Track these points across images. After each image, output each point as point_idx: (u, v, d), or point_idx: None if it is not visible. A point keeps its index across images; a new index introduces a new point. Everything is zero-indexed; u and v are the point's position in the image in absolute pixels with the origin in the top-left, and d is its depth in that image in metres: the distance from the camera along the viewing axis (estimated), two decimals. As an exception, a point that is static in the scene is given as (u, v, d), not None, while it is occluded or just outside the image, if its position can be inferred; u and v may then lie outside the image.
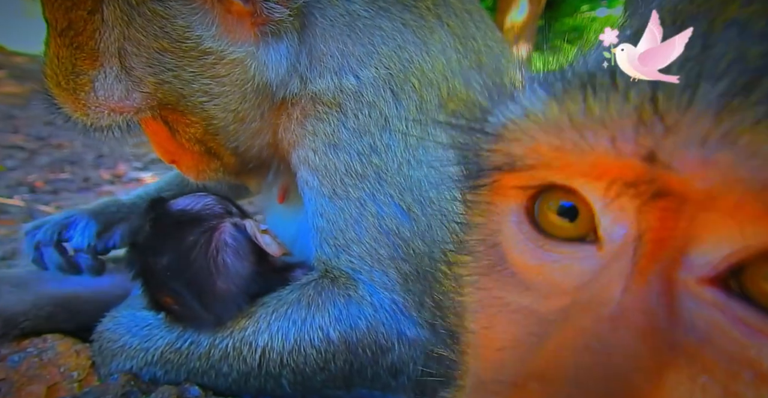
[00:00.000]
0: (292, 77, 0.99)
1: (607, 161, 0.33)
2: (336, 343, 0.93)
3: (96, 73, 0.88)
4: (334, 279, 1.00)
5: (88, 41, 0.85)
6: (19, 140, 5.70)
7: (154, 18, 0.86)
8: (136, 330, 0.97)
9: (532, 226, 0.41)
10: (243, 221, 1.05)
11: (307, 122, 1.01)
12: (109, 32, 0.85)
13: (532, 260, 0.41)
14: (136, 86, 0.90)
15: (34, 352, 0.94)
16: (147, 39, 0.87)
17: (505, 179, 0.42)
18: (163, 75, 0.90)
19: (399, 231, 0.98)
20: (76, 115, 0.92)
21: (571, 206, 0.39)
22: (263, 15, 0.91)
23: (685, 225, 0.32)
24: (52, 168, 4.92)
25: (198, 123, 0.98)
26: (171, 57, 0.89)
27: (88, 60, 0.87)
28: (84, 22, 0.84)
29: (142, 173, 5.06)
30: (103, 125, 0.93)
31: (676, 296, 0.33)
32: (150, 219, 1.02)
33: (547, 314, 0.37)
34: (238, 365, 0.93)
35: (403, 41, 1.01)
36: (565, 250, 0.39)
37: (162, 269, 0.96)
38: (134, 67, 0.88)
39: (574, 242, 0.39)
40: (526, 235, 0.41)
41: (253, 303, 0.98)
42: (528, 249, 0.41)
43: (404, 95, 1.00)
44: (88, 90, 0.88)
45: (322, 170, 1.01)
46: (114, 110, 0.90)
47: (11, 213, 2.87)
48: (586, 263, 0.37)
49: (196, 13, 0.87)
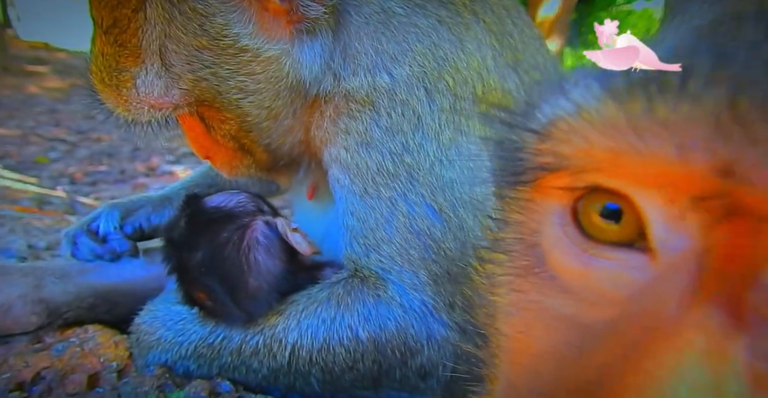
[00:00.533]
0: (326, 75, 0.99)
1: (671, 170, 0.30)
2: (365, 343, 0.93)
3: (138, 70, 0.90)
4: (364, 279, 1.00)
5: (131, 39, 0.87)
6: (62, 133, 5.95)
7: (194, 16, 0.87)
8: (171, 323, 1.00)
9: (577, 228, 0.38)
10: (274, 220, 1.06)
11: (340, 119, 1.01)
12: (151, 30, 0.87)
13: (575, 264, 0.38)
14: (175, 83, 0.91)
15: (76, 342, 0.97)
16: (186, 37, 0.88)
17: (549, 178, 0.39)
18: (200, 72, 0.91)
19: (430, 232, 0.97)
20: (118, 110, 0.95)
21: (616, 208, 0.35)
22: (299, 13, 0.91)
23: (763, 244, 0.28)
24: (91, 161, 5.11)
25: (233, 120, 0.99)
26: (209, 54, 0.90)
27: (131, 57, 0.89)
28: (128, 20, 0.86)
29: (174, 166, 5.20)
30: (143, 120, 0.95)
31: (743, 319, 0.29)
32: (185, 215, 1.04)
33: (592, 324, 0.35)
34: (268, 362, 0.94)
35: (438, 39, 0.99)
36: (613, 256, 0.36)
37: (196, 265, 0.98)
38: (174, 64, 0.90)
39: (621, 248, 0.35)
40: (571, 237, 0.38)
41: (283, 301, 0.99)
42: (572, 252, 0.38)
43: (438, 94, 0.98)
44: (129, 86, 0.90)
45: (354, 168, 1.01)
46: (154, 105, 0.92)
47: (54, 204, 3.00)
48: (637, 274, 0.34)
49: (234, 10, 0.88)
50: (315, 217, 1.31)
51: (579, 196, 0.38)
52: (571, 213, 0.39)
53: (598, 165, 0.34)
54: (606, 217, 0.36)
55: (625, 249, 0.35)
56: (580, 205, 0.38)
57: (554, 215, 0.40)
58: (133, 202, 1.34)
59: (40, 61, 9.29)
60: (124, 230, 1.25)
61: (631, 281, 0.34)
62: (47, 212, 2.61)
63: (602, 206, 0.36)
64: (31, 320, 1.00)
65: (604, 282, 0.36)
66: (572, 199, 0.39)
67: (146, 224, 1.30)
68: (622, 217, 0.35)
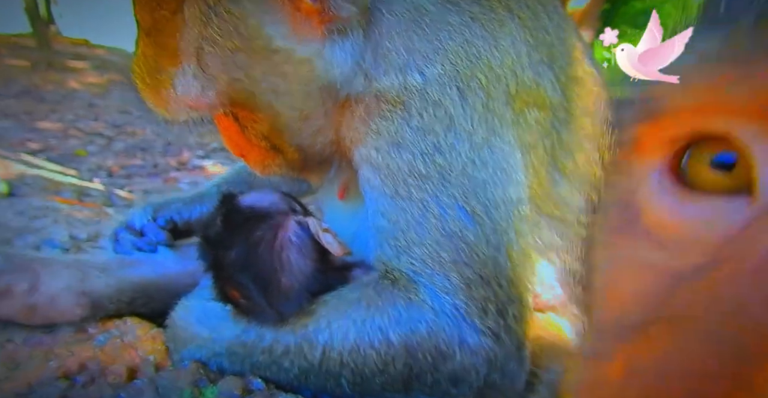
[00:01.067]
0: (357, 75, 0.98)
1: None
2: (395, 346, 0.93)
3: (176, 71, 0.92)
4: (395, 281, 0.99)
5: (169, 40, 0.89)
6: (100, 127, 6.17)
7: (229, 18, 0.88)
8: (206, 320, 1.02)
9: (676, 181, 0.37)
10: (306, 219, 1.06)
11: (371, 120, 1.00)
12: (189, 32, 0.89)
13: (672, 214, 0.36)
14: (211, 84, 0.93)
15: (116, 334, 1.01)
16: (221, 38, 0.89)
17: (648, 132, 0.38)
18: (234, 73, 0.92)
19: (462, 234, 0.96)
20: (157, 110, 0.97)
21: (731, 161, 0.33)
22: (331, 12, 0.91)
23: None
24: (126, 154, 5.29)
25: (265, 120, 1.00)
26: (243, 56, 0.91)
27: (170, 58, 0.91)
28: (167, 22, 0.88)
29: (204, 160, 5.32)
30: (180, 119, 0.98)
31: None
32: (221, 214, 1.06)
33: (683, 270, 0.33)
34: (299, 361, 0.95)
35: (471, 36, 0.97)
36: (714, 204, 0.34)
37: (230, 263, 1.00)
38: (209, 65, 0.91)
39: (726, 196, 0.34)
40: (670, 190, 0.37)
41: (314, 301, 1.00)
42: (670, 204, 0.37)
43: (470, 92, 0.96)
44: (168, 87, 0.93)
45: (385, 169, 1.00)
46: (191, 106, 0.95)
47: (93, 196, 3.11)
48: (734, 217, 0.32)
49: (267, 12, 0.89)
50: (344, 217, 1.31)
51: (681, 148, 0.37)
52: (669, 167, 0.37)
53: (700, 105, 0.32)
54: (716, 168, 0.34)
55: (727, 197, 0.33)
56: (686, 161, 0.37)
57: (653, 171, 0.38)
58: (165, 199, 1.40)
59: (81, 57, 9.63)
60: (157, 222, 1.31)
61: (727, 225, 0.32)
62: (87, 204, 2.71)
63: (711, 157, 0.34)
64: (76, 311, 1.05)
65: (699, 229, 0.34)
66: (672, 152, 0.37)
67: (177, 217, 1.35)
68: (735, 168, 0.33)
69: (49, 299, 1.03)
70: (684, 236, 0.35)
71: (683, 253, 0.34)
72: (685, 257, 0.34)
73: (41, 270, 1.04)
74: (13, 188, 2.84)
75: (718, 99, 0.31)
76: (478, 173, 0.97)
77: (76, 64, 8.58)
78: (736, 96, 0.30)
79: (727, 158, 0.33)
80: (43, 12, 9.57)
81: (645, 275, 0.36)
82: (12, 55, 9.51)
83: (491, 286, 0.95)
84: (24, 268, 1.02)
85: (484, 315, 0.94)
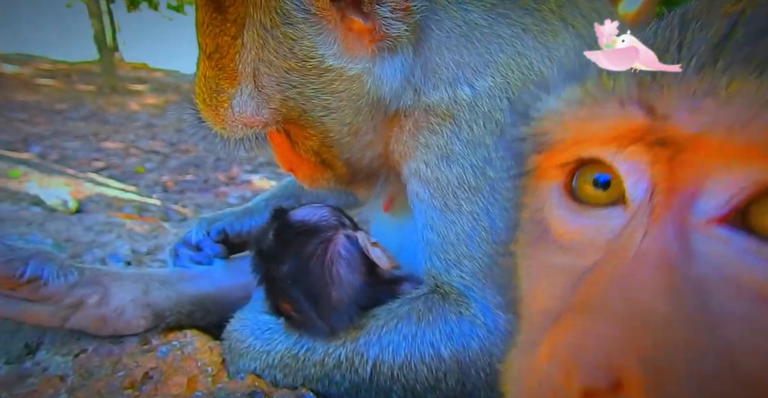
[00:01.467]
0: (406, 90, 0.99)
1: (620, 124, 0.40)
2: (447, 362, 0.91)
3: (234, 92, 0.96)
4: (445, 295, 0.98)
5: (229, 63, 0.93)
6: (156, 145, 6.56)
7: (285, 40, 0.91)
8: (259, 332, 1.04)
9: (570, 198, 0.48)
10: (355, 233, 1.07)
11: (420, 134, 1.01)
12: (247, 54, 0.92)
13: (570, 224, 0.47)
14: (266, 103, 0.96)
15: (177, 345, 1.05)
16: (277, 60, 0.93)
17: (544, 161, 0.50)
18: (288, 92, 0.95)
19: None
20: (216, 128, 1.02)
21: (606, 180, 0.45)
22: (381, 31, 0.92)
23: (691, 173, 0.37)
24: (180, 171, 5.58)
25: (315, 136, 1.03)
26: (296, 75, 0.94)
27: (229, 79, 0.95)
28: (228, 46, 0.92)
29: (252, 175, 5.52)
30: (237, 136, 1.02)
31: (689, 237, 0.38)
32: (273, 228, 1.09)
33: (583, 268, 0.42)
34: (350, 375, 0.95)
35: (523, 47, 0.96)
36: (599, 214, 0.45)
37: (282, 277, 1.02)
38: (265, 85, 0.95)
39: (606, 206, 0.45)
40: (566, 206, 0.48)
41: (363, 315, 1.00)
42: (567, 216, 0.48)
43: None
44: (226, 106, 0.97)
45: (434, 182, 1.00)
46: (246, 124, 0.98)
47: (152, 211, 3.30)
48: (615, 221, 0.43)
49: (321, 33, 0.91)
50: (390, 230, 1.32)
51: (570, 171, 0.48)
52: (564, 187, 0.49)
53: (575, 136, 0.45)
54: (596, 186, 0.46)
55: (609, 207, 0.45)
56: (575, 181, 0.48)
57: (553, 191, 0.50)
58: (217, 214, 1.47)
59: (140, 81, 10.31)
60: (210, 236, 1.37)
61: (611, 228, 0.43)
62: (146, 219, 2.88)
63: (593, 177, 0.46)
64: (140, 323, 1.10)
65: (591, 234, 0.45)
66: (564, 175, 0.49)
67: (229, 229, 1.41)
68: (611, 185, 0.45)
69: (117, 311, 1.09)
70: (580, 241, 0.46)
71: (581, 254, 0.45)
72: (584, 258, 0.44)
73: (110, 284, 1.10)
74: (82, 205, 3.07)
75: (587, 133, 0.44)
76: None
77: (137, 87, 9.20)
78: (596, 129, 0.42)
79: (604, 177, 0.45)
80: (110, 40, 10.36)
81: (556, 276, 0.46)
82: (81, 81, 10.34)
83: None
84: (95, 281, 1.08)
85: None
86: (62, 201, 3.01)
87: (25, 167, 3.65)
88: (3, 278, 0.97)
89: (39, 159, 4.89)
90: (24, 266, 0.99)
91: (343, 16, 0.91)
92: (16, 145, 5.70)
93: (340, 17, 0.91)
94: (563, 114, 0.44)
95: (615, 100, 0.39)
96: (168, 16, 16.09)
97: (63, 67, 12.02)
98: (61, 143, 6.19)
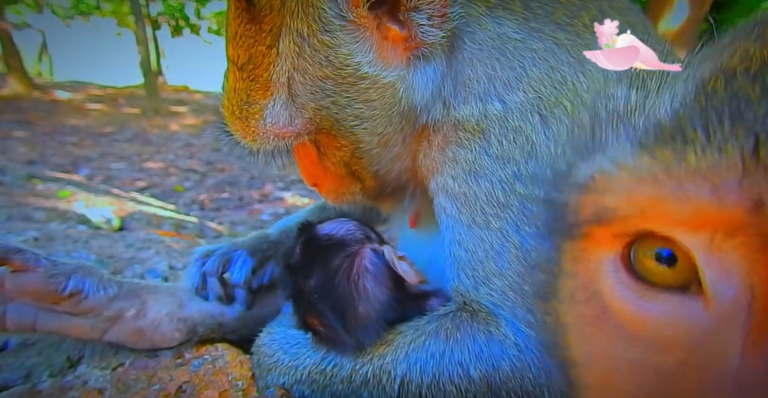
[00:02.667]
0: (436, 102, 0.99)
1: (709, 211, 0.33)
2: (477, 383, 0.88)
3: (266, 102, 0.95)
4: (473, 313, 0.95)
5: (263, 73, 0.94)
6: (195, 164, 6.82)
7: (321, 48, 0.91)
8: (288, 347, 1.05)
9: (630, 274, 0.41)
10: (381, 247, 1.07)
11: (448, 148, 1.00)
12: (282, 64, 0.93)
13: (635, 309, 0.40)
14: (299, 113, 0.96)
15: (209, 359, 1.07)
16: (312, 68, 0.93)
17: (598, 229, 0.42)
18: (322, 101, 0.95)
19: None
20: (245, 141, 1.01)
21: (669, 253, 0.38)
22: (417, 39, 0.92)
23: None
24: (216, 189, 5.76)
25: (346, 147, 1.02)
26: (331, 83, 0.94)
27: (261, 90, 0.95)
28: (262, 56, 0.92)
29: (284, 192, 5.63)
30: (267, 149, 1.01)
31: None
32: (300, 243, 1.10)
33: (664, 368, 0.37)
34: (378, 393, 0.93)
35: (556, 62, 0.95)
36: (669, 301, 0.38)
37: (309, 291, 1.02)
38: (299, 94, 0.95)
39: (676, 292, 0.38)
40: (626, 284, 0.41)
41: (391, 331, 0.99)
42: (630, 298, 0.41)
43: (554, 120, 0.93)
44: (258, 118, 0.96)
45: (462, 197, 0.98)
46: (278, 135, 0.97)
47: (188, 228, 3.41)
48: (695, 320, 0.36)
49: (357, 41, 0.91)
50: (417, 245, 1.30)
51: (629, 242, 0.41)
52: (622, 260, 0.42)
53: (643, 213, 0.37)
54: (660, 261, 0.39)
55: (679, 294, 0.38)
56: (633, 251, 0.41)
57: (608, 264, 0.43)
58: (265, 251, 1.33)
59: (181, 102, 10.82)
60: (251, 283, 1.26)
61: (692, 328, 0.36)
62: (183, 236, 2.98)
63: (654, 251, 0.39)
64: (175, 336, 1.13)
65: (666, 329, 0.38)
66: (622, 246, 0.41)
67: (269, 280, 1.31)
68: (677, 261, 0.38)
69: (153, 324, 1.12)
70: (653, 334, 0.39)
71: (656, 350, 0.38)
72: (660, 356, 0.37)
73: (148, 297, 1.14)
74: (124, 223, 3.21)
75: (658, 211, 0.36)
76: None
77: (178, 109, 9.64)
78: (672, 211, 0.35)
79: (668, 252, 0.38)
80: (154, 65, 10.95)
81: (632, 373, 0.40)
82: (127, 105, 10.95)
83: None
84: (133, 295, 1.12)
85: None
86: (106, 219, 3.16)
87: (74, 187, 3.88)
88: (46, 293, 1.02)
89: (86, 180, 5.17)
90: (66, 281, 1.03)
91: (379, 24, 0.92)
92: (67, 167, 6.06)
93: (376, 25, 0.92)
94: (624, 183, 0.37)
95: (703, 183, 0.32)
96: (208, 41, 16.94)
97: (111, 91, 12.80)
98: (107, 165, 6.54)
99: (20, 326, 1.03)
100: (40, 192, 3.58)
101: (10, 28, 11.61)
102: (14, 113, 9.57)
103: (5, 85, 11.49)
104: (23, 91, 11.39)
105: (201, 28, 16.41)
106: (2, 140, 7.34)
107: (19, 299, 1.02)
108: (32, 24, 17.74)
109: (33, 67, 16.85)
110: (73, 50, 19.06)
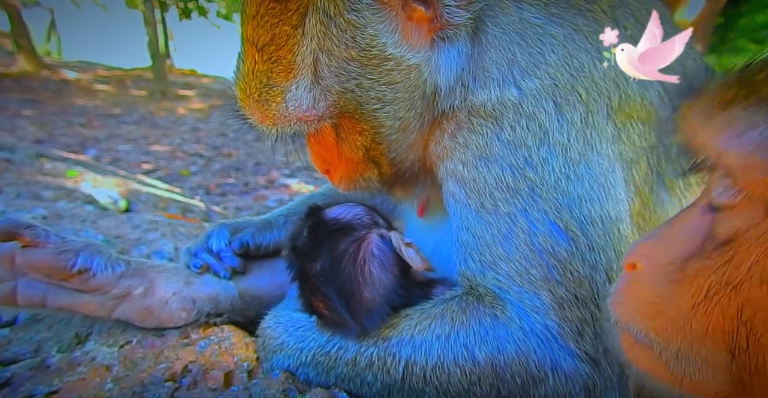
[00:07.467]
0: (457, 86, 0.97)
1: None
2: (482, 365, 0.88)
3: (289, 85, 0.92)
4: (480, 297, 0.95)
5: (286, 55, 0.91)
6: (201, 149, 6.82)
7: (348, 28, 0.89)
8: (293, 330, 1.05)
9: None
10: (389, 233, 1.07)
11: (459, 134, 0.99)
12: (307, 45, 0.90)
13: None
14: (323, 96, 0.94)
15: (215, 340, 1.08)
16: (338, 49, 0.90)
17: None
18: (347, 84, 0.93)
19: (554, 251, 0.90)
20: (262, 125, 0.97)
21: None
22: (443, 20, 0.91)
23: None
24: (222, 174, 5.77)
25: (367, 131, 1.01)
26: (356, 65, 0.92)
27: (284, 72, 0.92)
28: (287, 36, 0.90)
29: (289, 179, 5.63)
30: (288, 133, 0.98)
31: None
32: (307, 226, 1.10)
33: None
34: (382, 376, 0.94)
35: (574, 48, 0.93)
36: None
37: (315, 275, 1.02)
38: (324, 76, 0.92)
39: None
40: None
41: (396, 315, 0.99)
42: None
43: (568, 107, 0.91)
44: (279, 101, 0.93)
45: (470, 182, 0.97)
46: (300, 118, 0.95)
47: (194, 212, 3.42)
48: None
49: (383, 21, 0.90)
50: (424, 233, 1.30)
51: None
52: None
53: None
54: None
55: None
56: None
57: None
58: (239, 223, 1.42)
59: (188, 86, 10.78)
60: (232, 246, 1.33)
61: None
62: (189, 219, 2.99)
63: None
64: (182, 315, 1.14)
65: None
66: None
67: (251, 241, 1.36)
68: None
69: (161, 303, 1.13)
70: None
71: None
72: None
73: (155, 275, 1.15)
74: (131, 205, 3.23)
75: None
76: (573, 187, 0.91)
77: (185, 93, 9.61)
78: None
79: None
80: (162, 47, 10.89)
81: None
82: (134, 87, 10.92)
83: (588, 307, 0.88)
84: (141, 273, 1.13)
85: (579, 338, 0.86)
86: (113, 200, 3.18)
87: (81, 167, 3.89)
88: (56, 269, 1.03)
89: (94, 161, 5.19)
90: (75, 258, 1.04)
91: (404, 4, 0.90)
92: (75, 147, 6.08)
93: (402, 5, 0.90)
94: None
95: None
96: (216, 25, 16.80)
97: (118, 73, 12.77)
98: (114, 146, 6.56)
99: (30, 301, 1.04)
100: (49, 171, 3.60)
101: (20, 5, 11.55)
102: (23, 92, 9.59)
103: (14, 64, 11.49)
104: (32, 70, 11.40)
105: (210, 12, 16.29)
106: (12, 118, 7.37)
107: (30, 274, 1.03)
108: (41, 2, 17.65)
109: (42, 47, 16.82)
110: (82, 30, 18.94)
